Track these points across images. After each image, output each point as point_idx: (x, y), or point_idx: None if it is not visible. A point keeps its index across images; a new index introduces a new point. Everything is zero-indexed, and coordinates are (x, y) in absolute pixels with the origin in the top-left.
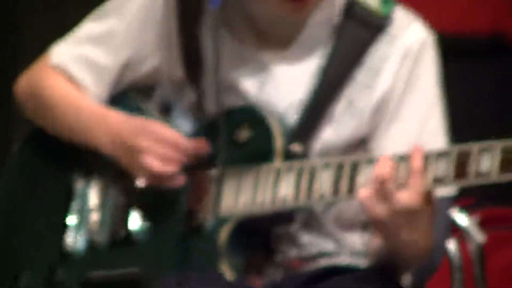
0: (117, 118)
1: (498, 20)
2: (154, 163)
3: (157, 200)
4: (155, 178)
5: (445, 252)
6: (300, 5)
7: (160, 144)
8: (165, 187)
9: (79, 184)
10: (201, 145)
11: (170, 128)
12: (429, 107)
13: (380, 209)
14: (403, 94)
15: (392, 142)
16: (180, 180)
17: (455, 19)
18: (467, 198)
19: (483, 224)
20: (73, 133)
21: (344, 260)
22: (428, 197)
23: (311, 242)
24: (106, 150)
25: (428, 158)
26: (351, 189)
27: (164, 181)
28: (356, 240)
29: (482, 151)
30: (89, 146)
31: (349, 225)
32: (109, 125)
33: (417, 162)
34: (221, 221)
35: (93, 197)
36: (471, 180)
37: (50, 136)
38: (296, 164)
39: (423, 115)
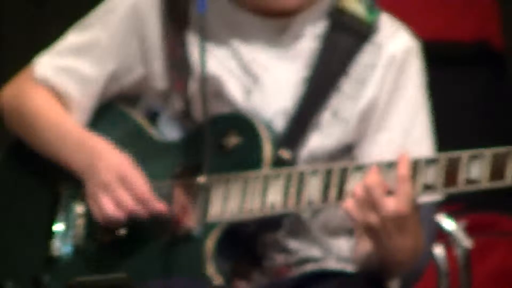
0: (100, 147)
1: (483, 27)
2: (109, 206)
3: None
4: (104, 218)
5: (431, 257)
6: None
7: (124, 188)
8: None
9: (65, 191)
10: (161, 209)
11: (144, 179)
12: (414, 115)
13: (368, 217)
14: (388, 102)
15: (378, 151)
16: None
17: (440, 27)
18: (454, 204)
19: (470, 230)
20: (49, 151)
21: (331, 265)
22: (414, 203)
23: (298, 248)
24: (77, 174)
25: (417, 165)
26: (340, 196)
27: (111, 224)
28: (343, 245)
29: (471, 158)
30: (63, 165)
31: (336, 231)
32: (85, 150)
33: (403, 170)
34: (208, 228)
35: (79, 203)
36: (461, 187)
37: None
38: (285, 170)
39: (408, 123)
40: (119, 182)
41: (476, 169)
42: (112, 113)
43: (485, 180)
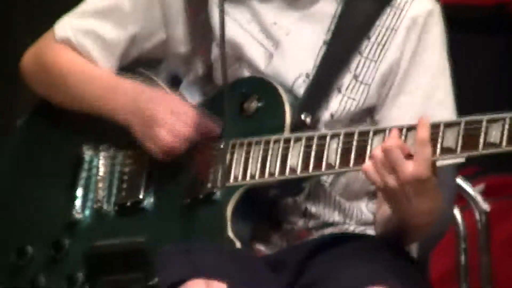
0: (133, 87)
1: None
2: (167, 137)
3: (165, 169)
4: (165, 151)
5: (450, 220)
6: None
7: (176, 118)
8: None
9: (86, 154)
10: (215, 124)
11: (187, 103)
12: (435, 79)
13: (387, 180)
14: (409, 66)
15: (399, 114)
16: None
17: None
18: (472, 167)
19: (488, 193)
20: (85, 102)
21: (350, 229)
22: (435, 166)
23: (318, 212)
24: (119, 118)
25: (436, 128)
26: (359, 159)
27: (172, 155)
28: (363, 209)
29: (491, 121)
30: (102, 115)
31: (356, 195)
32: (124, 93)
33: (422, 133)
34: (228, 191)
35: (101, 166)
36: (480, 151)
37: (55, 108)
38: (305, 134)
39: (430, 86)
40: (167, 113)
41: (495, 132)
42: (136, 76)
43: (505, 143)
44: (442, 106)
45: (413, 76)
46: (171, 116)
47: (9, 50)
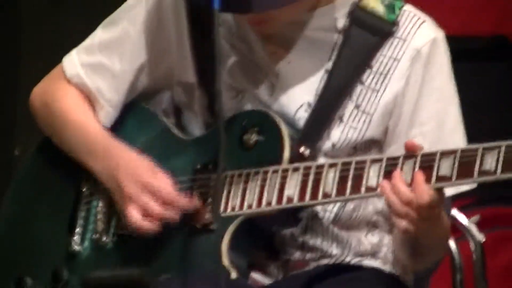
0: (119, 154)
1: (502, 22)
2: (134, 215)
3: None
4: (135, 229)
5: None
6: (262, 27)
7: (149, 195)
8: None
9: (86, 186)
10: (190, 203)
11: (166, 180)
12: (445, 107)
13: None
14: (418, 97)
15: None
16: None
17: (459, 22)
18: (467, 198)
19: (483, 224)
20: (75, 154)
21: (348, 260)
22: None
23: (316, 245)
24: (102, 181)
25: (432, 156)
26: (356, 189)
27: (140, 232)
28: (362, 239)
29: (486, 150)
30: (89, 170)
31: (357, 225)
32: (109, 159)
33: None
34: (226, 221)
35: (101, 198)
36: (476, 179)
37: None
38: (303, 164)
39: (440, 115)
40: (143, 191)
41: (490, 160)
42: (138, 111)
43: (500, 171)
44: (454, 133)
45: (423, 107)
46: (145, 193)
47: (10, 81)
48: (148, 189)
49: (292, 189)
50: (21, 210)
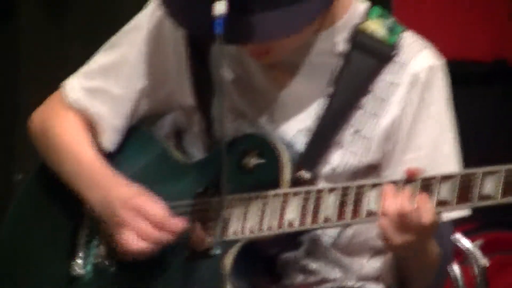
0: (110, 183)
1: (500, 46)
2: (129, 239)
3: None
4: (130, 254)
5: (448, 276)
6: (264, 58)
7: (142, 219)
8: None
9: (87, 211)
10: (183, 226)
11: (158, 204)
12: (442, 133)
13: (401, 236)
14: (414, 121)
15: None
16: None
17: (457, 46)
18: (470, 222)
19: (486, 248)
20: (69, 182)
21: (350, 284)
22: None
23: (317, 269)
24: (94, 211)
25: (432, 181)
26: (356, 213)
27: (135, 256)
28: (364, 263)
29: (486, 174)
30: (82, 200)
31: (358, 250)
32: (101, 189)
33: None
34: (227, 245)
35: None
36: (475, 203)
37: None
38: (304, 188)
39: (436, 142)
40: (135, 215)
41: (490, 185)
42: (138, 135)
43: (500, 196)
44: (449, 160)
45: (418, 132)
46: (137, 218)
47: (9, 105)
48: (141, 213)
49: (292, 213)
50: (21, 234)
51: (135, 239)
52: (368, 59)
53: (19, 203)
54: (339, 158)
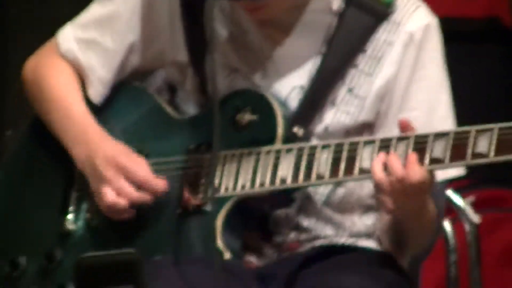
0: (96, 139)
1: (494, 5)
2: (107, 195)
3: None
4: (108, 209)
5: (440, 233)
6: (258, 13)
7: (123, 177)
8: (117, 217)
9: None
10: (163, 187)
11: (141, 163)
12: (437, 93)
13: (397, 200)
14: (410, 81)
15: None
16: (130, 214)
17: (450, 3)
18: (462, 180)
19: (478, 206)
20: (56, 134)
21: (342, 241)
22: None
23: (310, 226)
24: (78, 165)
25: (425, 138)
26: (349, 170)
27: (115, 213)
28: (355, 221)
29: (479, 132)
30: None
31: (351, 208)
32: (87, 144)
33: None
34: (219, 202)
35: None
36: (468, 161)
37: None
38: (296, 145)
39: (431, 101)
40: (118, 173)
41: (483, 143)
42: (131, 90)
43: (493, 154)
44: (444, 120)
45: (413, 92)
46: (120, 175)
47: None
48: (123, 171)
49: (285, 170)
50: (13, 191)
51: (113, 195)
52: (364, 17)
53: (11, 158)
54: (331, 116)
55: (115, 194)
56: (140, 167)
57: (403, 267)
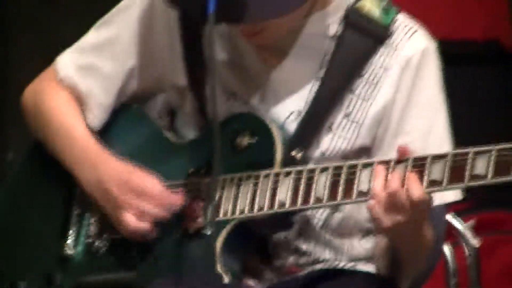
0: (105, 163)
1: (494, 27)
2: (130, 220)
3: None
4: (133, 234)
5: (440, 257)
6: (256, 38)
7: (139, 198)
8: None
9: (79, 190)
10: (181, 201)
11: (154, 180)
12: (433, 117)
13: (392, 217)
14: (406, 106)
15: None
16: (154, 233)
17: (451, 26)
18: (462, 202)
19: (478, 228)
20: (61, 160)
21: (341, 264)
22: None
23: (309, 250)
24: (87, 191)
25: (423, 161)
26: (347, 193)
27: (140, 235)
28: (355, 244)
29: (477, 154)
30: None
31: (349, 232)
32: (96, 169)
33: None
34: (219, 226)
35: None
36: (466, 183)
37: None
38: (295, 168)
39: (428, 126)
40: (133, 195)
41: (481, 164)
42: (131, 113)
43: (491, 176)
44: (441, 144)
45: (410, 116)
46: (135, 197)
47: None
48: (138, 192)
49: (284, 193)
50: (13, 214)
51: (134, 219)
52: (362, 39)
53: (12, 182)
54: (328, 142)
55: (136, 218)
56: (154, 184)
57: None
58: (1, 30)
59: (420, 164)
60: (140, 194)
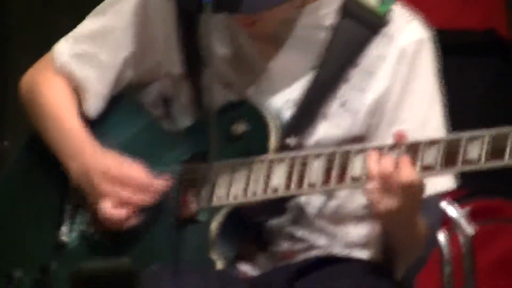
0: (92, 155)
1: (491, 16)
2: (108, 209)
3: None
4: (107, 220)
5: (435, 245)
6: (252, 29)
7: (120, 187)
8: (121, 228)
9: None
10: (164, 185)
11: (137, 168)
12: (429, 107)
13: (386, 201)
14: (402, 95)
15: None
16: (134, 220)
17: (447, 16)
18: (458, 190)
19: (474, 217)
20: (52, 148)
21: (336, 251)
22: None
23: (303, 237)
24: (74, 180)
25: (416, 146)
26: (341, 178)
27: (118, 224)
28: (350, 231)
29: (471, 139)
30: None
31: (344, 219)
32: (82, 159)
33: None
34: (213, 212)
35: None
36: (460, 168)
37: None
38: (289, 155)
39: (423, 115)
40: (114, 185)
41: (474, 150)
42: (125, 103)
43: (484, 160)
44: (436, 133)
45: (405, 106)
46: (116, 186)
47: None
48: (120, 180)
49: (277, 179)
50: (8, 203)
51: (114, 207)
52: (358, 28)
53: (7, 172)
54: (323, 130)
55: (116, 205)
56: (134, 170)
57: (397, 279)
58: (2, 21)
59: (413, 150)
60: (122, 182)
